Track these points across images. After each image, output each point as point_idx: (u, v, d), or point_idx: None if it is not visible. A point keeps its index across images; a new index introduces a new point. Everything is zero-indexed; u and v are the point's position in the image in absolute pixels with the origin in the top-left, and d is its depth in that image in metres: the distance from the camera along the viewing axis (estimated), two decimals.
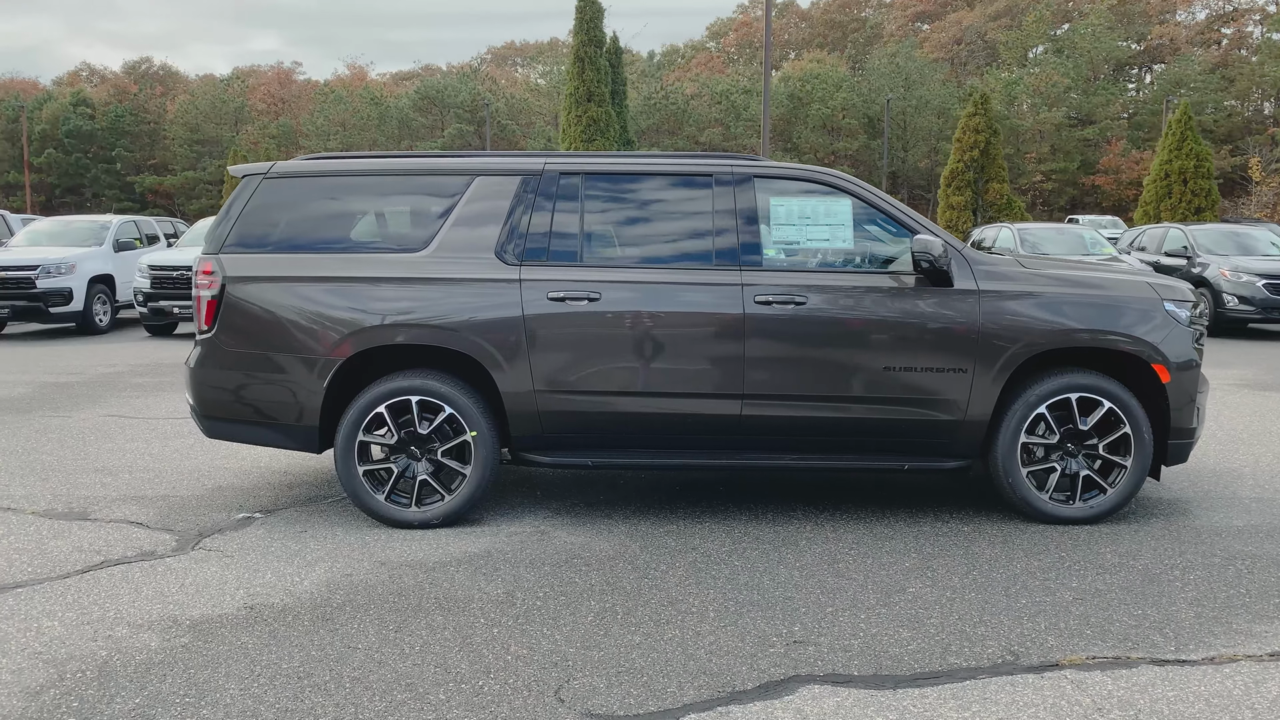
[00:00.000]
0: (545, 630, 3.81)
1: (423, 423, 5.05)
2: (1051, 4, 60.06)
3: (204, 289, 5.12)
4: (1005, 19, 65.24)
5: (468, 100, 55.87)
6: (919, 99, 51.75)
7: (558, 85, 58.86)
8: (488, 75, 63.28)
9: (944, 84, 54.75)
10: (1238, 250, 15.99)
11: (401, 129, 56.58)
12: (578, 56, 20.92)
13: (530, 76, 72.31)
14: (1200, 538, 4.94)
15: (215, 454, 6.77)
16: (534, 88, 60.44)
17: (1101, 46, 55.56)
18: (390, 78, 75.21)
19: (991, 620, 3.90)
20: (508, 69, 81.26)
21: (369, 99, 56.71)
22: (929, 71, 53.94)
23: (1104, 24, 55.94)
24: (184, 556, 4.68)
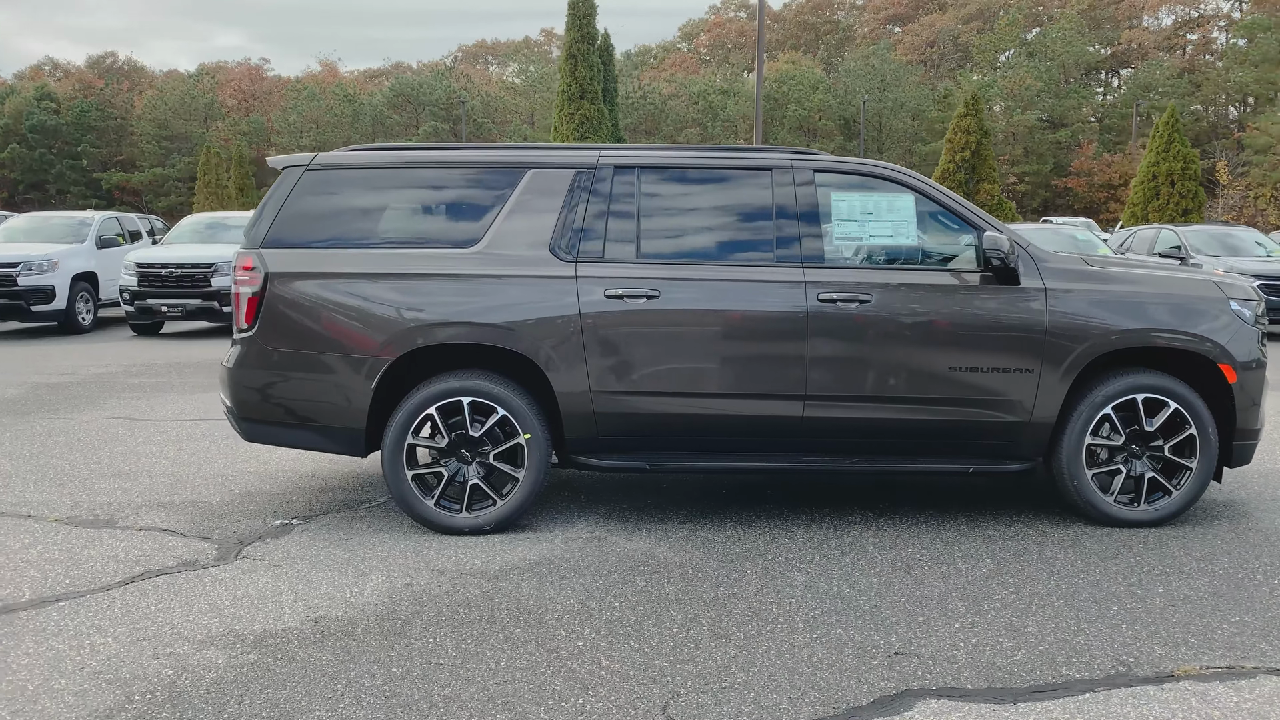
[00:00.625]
0: (632, 643, 3.64)
1: (474, 425, 4.85)
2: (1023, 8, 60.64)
3: (244, 285, 4.89)
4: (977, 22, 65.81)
5: (443, 98, 55.38)
6: (894, 101, 52.04)
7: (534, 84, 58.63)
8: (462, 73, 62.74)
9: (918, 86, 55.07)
10: (1226, 251, 16.12)
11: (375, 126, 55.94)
12: (570, 53, 20.69)
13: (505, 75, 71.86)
14: (1270, 540, 4.86)
15: (236, 457, 6.52)
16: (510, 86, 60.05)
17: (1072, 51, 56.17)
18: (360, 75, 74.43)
19: (1089, 628, 3.78)
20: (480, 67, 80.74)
21: (342, 96, 56.04)
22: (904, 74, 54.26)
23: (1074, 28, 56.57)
24: (229, 566, 4.45)
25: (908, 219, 5.08)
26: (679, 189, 5.07)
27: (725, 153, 5.22)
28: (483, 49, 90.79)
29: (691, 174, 5.08)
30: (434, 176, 5.04)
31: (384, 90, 58.49)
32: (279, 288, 4.85)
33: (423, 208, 5.03)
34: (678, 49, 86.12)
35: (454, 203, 5.02)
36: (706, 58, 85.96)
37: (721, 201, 5.08)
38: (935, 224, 5.13)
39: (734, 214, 5.07)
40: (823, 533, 4.96)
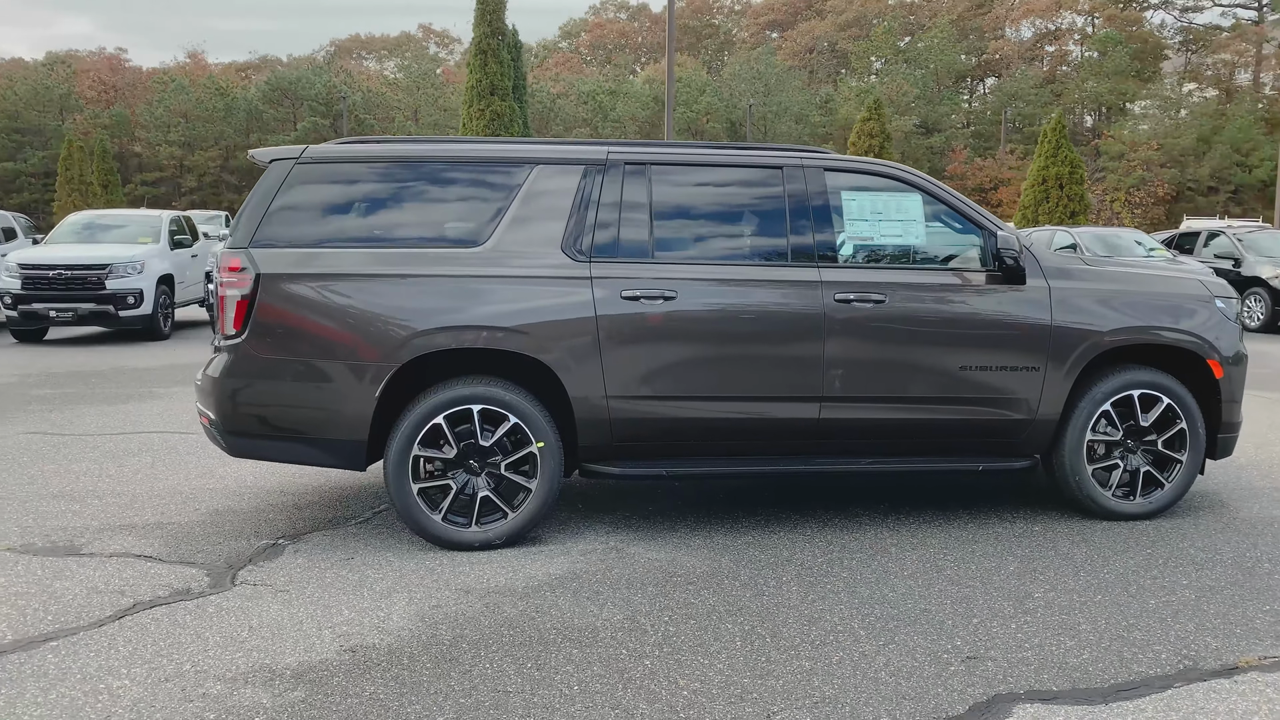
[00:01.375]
0: (701, 659, 3.48)
1: (484, 434, 4.60)
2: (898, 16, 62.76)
3: (231, 288, 4.50)
4: (854, 29, 67.74)
5: (323, 93, 53.52)
6: (779, 105, 53.03)
7: (417, 80, 57.33)
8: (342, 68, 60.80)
9: (801, 91, 56.30)
10: (1111, 251, 16.96)
11: (251, 121, 53.64)
12: (480, 49, 20.19)
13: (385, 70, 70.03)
14: (1258, 529, 5.05)
15: (189, 473, 6.05)
16: (392, 82, 58.50)
17: (943, 59, 58.41)
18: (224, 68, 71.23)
19: (1138, 623, 3.82)
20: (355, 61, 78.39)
21: (214, 89, 53.51)
22: (787, 78, 55.36)
23: (946, 38, 58.85)
24: (229, 594, 4.08)
25: (916, 218, 5.08)
26: (690, 187, 4.93)
27: (734, 150, 5.11)
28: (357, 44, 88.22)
29: (702, 171, 4.95)
30: (435, 171, 4.75)
31: (259, 84, 56.11)
32: (271, 290, 4.48)
33: (424, 204, 4.73)
34: (559, 48, 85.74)
35: (458, 199, 4.75)
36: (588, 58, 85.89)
37: (733, 200, 4.96)
38: (941, 223, 5.14)
39: (747, 212, 4.97)
40: (838, 535, 4.90)
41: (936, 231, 5.14)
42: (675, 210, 4.88)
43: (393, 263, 4.57)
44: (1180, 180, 55.69)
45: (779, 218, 4.91)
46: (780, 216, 4.91)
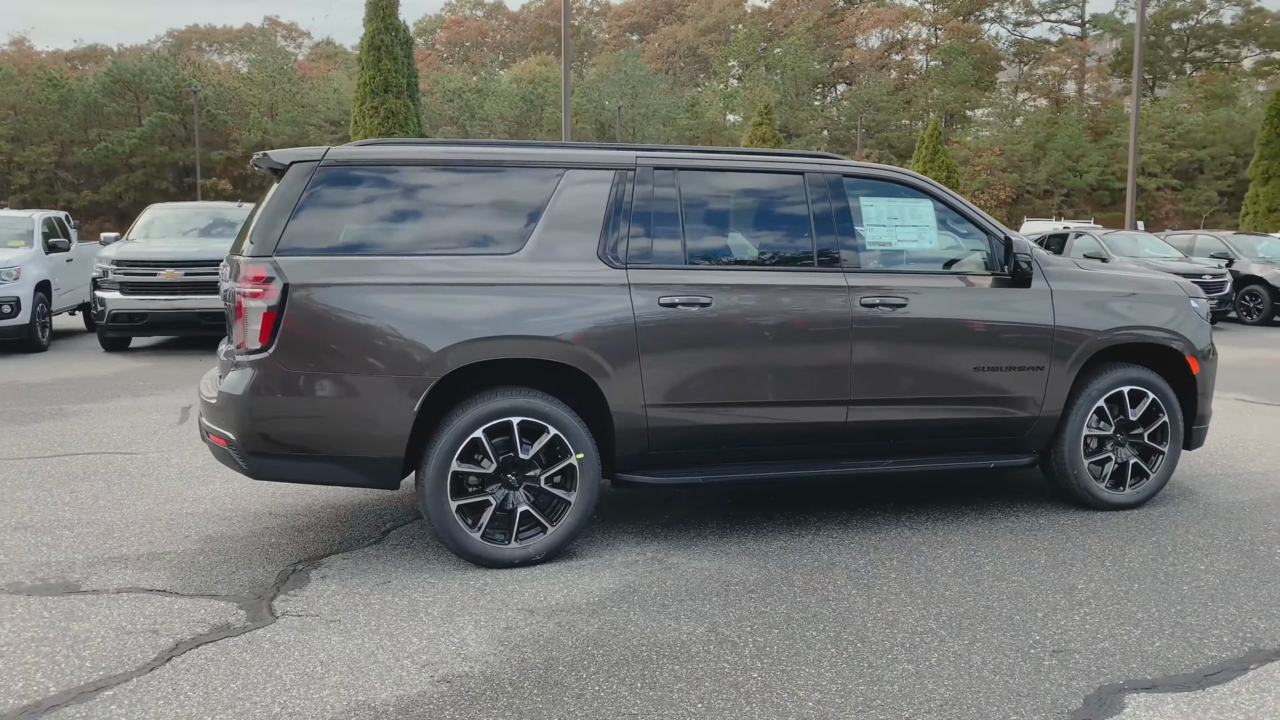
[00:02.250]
0: (806, 669, 3.46)
1: (524, 447, 4.45)
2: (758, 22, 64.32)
3: (255, 299, 4.19)
4: (715, 34, 69.07)
5: (170, 86, 50.54)
6: (646, 107, 53.50)
7: (272, 75, 54.98)
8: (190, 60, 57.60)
9: (667, 94, 57.00)
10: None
11: (89, 115, 50.16)
12: (373, 44, 19.41)
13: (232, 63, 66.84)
14: (1238, 515, 5.41)
15: (155, 499, 5.62)
16: (245, 76, 55.85)
17: (801, 66, 60.25)
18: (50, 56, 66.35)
19: (1186, 609, 4.02)
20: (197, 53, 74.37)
21: (46, 80, 49.76)
22: (653, 81, 55.94)
23: (803, 44, 60.71)
24: (277, 627, 3.80)
25: (929, 224, 5.21)
26: (717, 192, 4.91)
27: (755, 156, 5.11)
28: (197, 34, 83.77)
29: (728, 176, 4.93)
30: (464, 175, 4.55)
31: (98, 76, 52.49)
32: (302, 301, 4.20)
33: (455, 209, 4.53)
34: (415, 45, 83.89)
35: (491, 204, 4.56)
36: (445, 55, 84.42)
37: (760, 205, 4.97)
38: (951, 228, 5.29)
39: (773, 217, 4.98)
40: (864, 536, 4.97)
41: (947, 236, 5.29)
42: (703, 216, 4.85)
43: (429, 270, 4.36)
44: (1020, 184, 59.32)
45: (803, 223, 4.95)
46: (804, 222, 4.95)
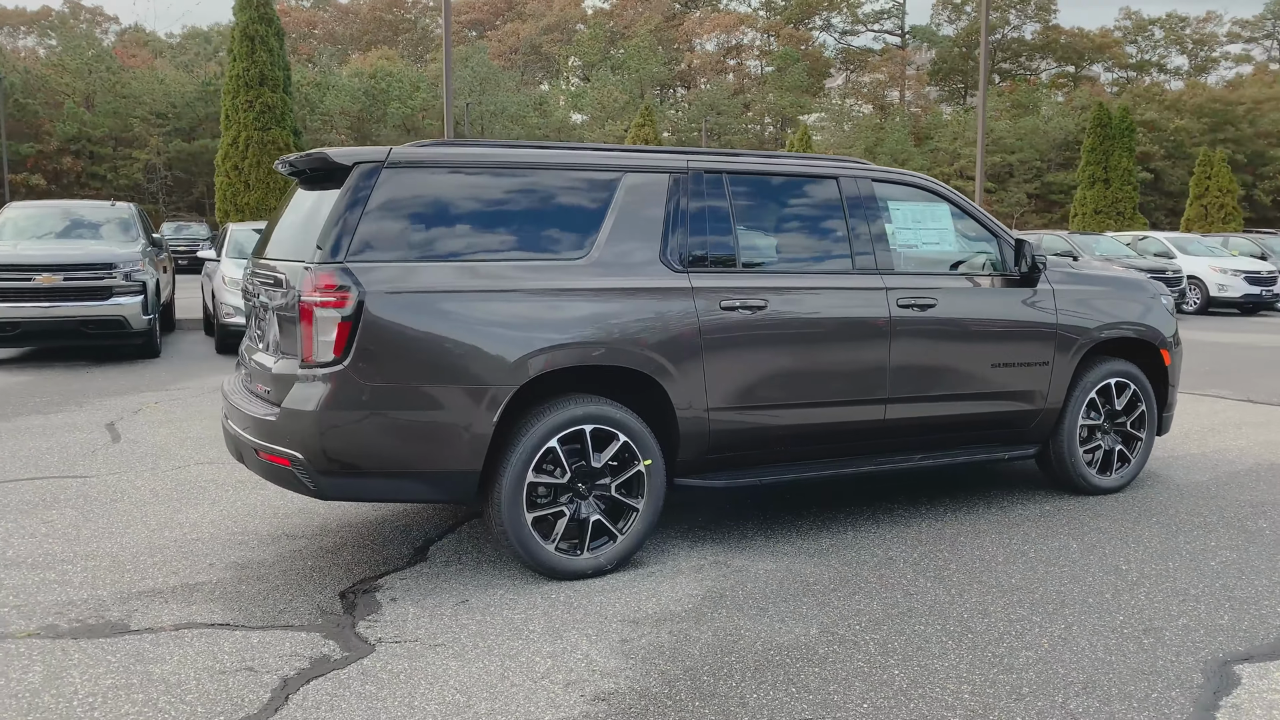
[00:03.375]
0: (942, 663, 3.55)
1: (596, 455, 4.36)
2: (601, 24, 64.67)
3: (329, 309, 3.92)
4: (556, 33, 68.97)
5: None
6: (496, 104, 52.81)
7: (89, 63, 51.07)
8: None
9: (515, 92, 56.47)
10: None
11: None
12: (246, 34, 18.13)
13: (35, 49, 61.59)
14: (1206, 493, 5.89)
15: (147, 525, 5.18)
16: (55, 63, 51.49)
17: (646, 68, 61.02)
18: None
19: (1230, 585, 4.34)
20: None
21: None
22: (502, 78, 55.33)
23: (647, 47, 61.48)
24: (381, 655, 3.59)
25: (947, 226, 5.43)
26: (761, 196, 4.94)
27: (793, 160, 5.18)
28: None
29: (769, 181, 4.98)
30: (529, 178, 4.41)
31: None
32: (378, 310, 3.96)
33: (524, 213, 4.38)
34: None
35: (557, 208, 4.44)
36: None
37: (799, 208, 5.04)
38: (964, 230, 5.52)
39: (812, 221, 5.06)
40: (900, 529, 5.13)
41: (961, 238, 5.52)
42: (751, 219, 4.88)
43: (502, 276, 4.21)
44: None
45: (840, 226, 5.06)
46: (841, 225, 5.06)
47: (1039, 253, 5.40)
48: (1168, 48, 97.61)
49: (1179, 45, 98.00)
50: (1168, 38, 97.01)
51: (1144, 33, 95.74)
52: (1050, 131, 63.70)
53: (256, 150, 17.71)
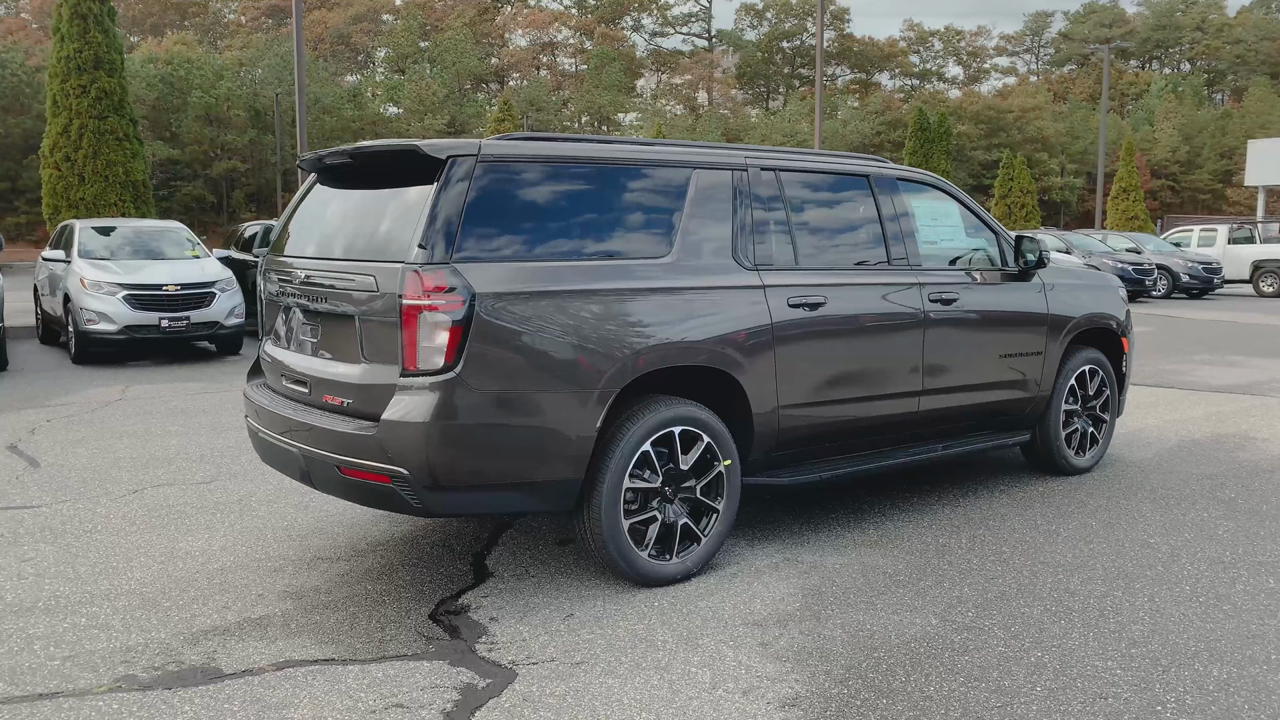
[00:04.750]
0: (1087, 644, 3.68)
1: (684, 457, 4.27)
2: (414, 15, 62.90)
3: (439, 312, 3.63)
4: (366, 23, 66.51)
5: None
6: (310, 96, 50.16)
7: None
8: None
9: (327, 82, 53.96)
10: None
11: None
12: (78, 13, 16.06)
13: None
14: (1168, 468, 6.41)
15: (152, 557, 4.66)
16: None
17: (463, 61, 59.88)
18: None
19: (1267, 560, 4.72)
20: None
21: None
22: (315, 68, 52.70)
23: (464, 40, 60.32)
24: (531, 679, 3.38)
25: (958, 224, 5.65)
26: (809, 192, 4.97)
27: (829, 158, 5.23)
28: None
29: (816, 178, 5.01)
30: (614, 175, 4.24)
31: None
32: (489, 313, 3.70)
33: (611, 211, 4.20)
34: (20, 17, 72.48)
35: (640, 205, 4.29)
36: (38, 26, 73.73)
37: (841, 205, 5.11)
38: (969, 228, 5.76)
39: (854, 217, 5.13)
40: (936, 515, 5.29)
41: (969, 235, 5.76)
42: (803, 216, 4.90)
43: (599, 275, 4.03)
44: None
45: (876, 222, 5.16)
46: (877, 223, 5.16)
47: (1045, 249, 5.71)
48: (946, 58, 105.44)
49: (956, 56, 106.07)
50: (946, 49, 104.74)
51: (925, 44, 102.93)
52: (848, 135, 67.15)
53: (93, 140, 16.02)
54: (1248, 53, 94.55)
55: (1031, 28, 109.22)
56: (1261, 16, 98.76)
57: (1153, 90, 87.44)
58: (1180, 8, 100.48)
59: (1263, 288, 25.66)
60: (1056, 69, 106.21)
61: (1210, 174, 74.77)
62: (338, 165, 4.34)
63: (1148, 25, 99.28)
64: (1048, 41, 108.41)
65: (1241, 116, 77.58)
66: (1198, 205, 73.75)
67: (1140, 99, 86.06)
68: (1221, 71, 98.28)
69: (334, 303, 4.01)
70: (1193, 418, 8.19)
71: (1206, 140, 75.11)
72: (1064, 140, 73.47)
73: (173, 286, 11.30)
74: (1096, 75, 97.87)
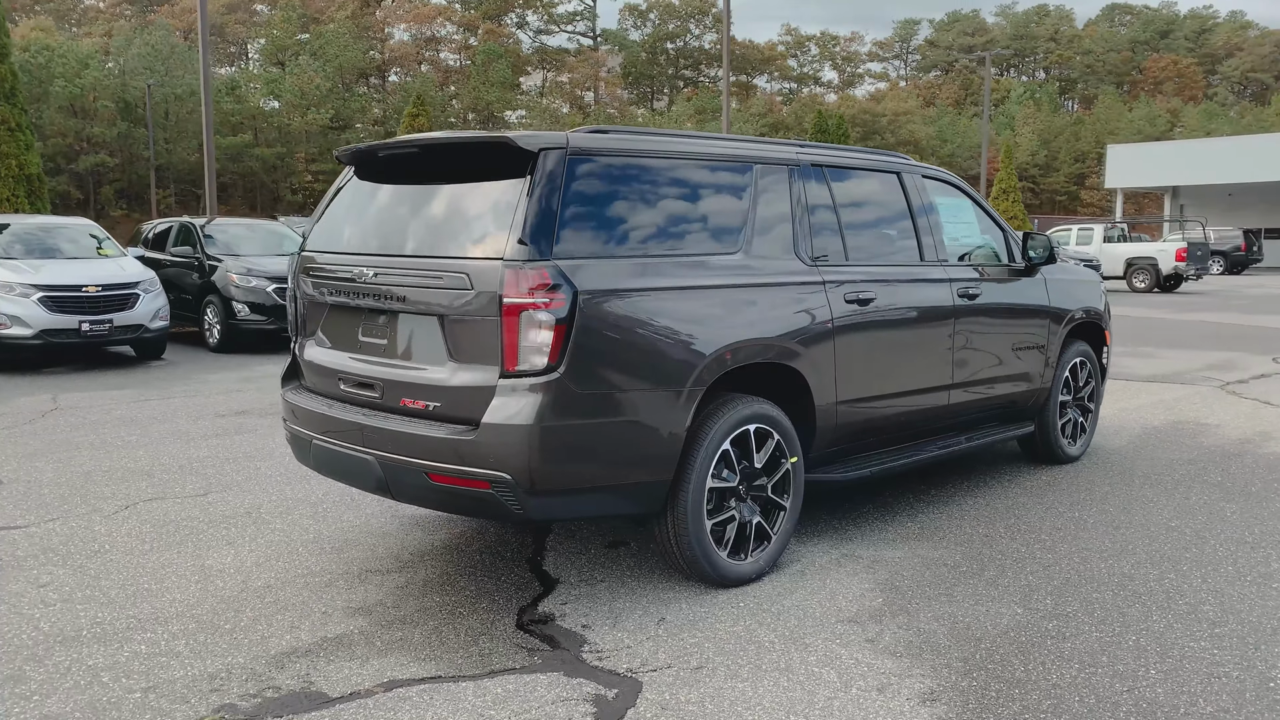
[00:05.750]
0: (1175, 626, 3.81)
1: (758, 455, 4.23)
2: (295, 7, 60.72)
3: (543, 310, 3.47)
4: (241, 12, 63.84)
5: None
6: (185, 86, 47.88)
7: None
8: None
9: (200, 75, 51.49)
10: None
11: None
12: None
13: None
14: (1144, 455, 6.72)
15: (185, 575, 4.34)
16: None
17: (347, 55, 58.16)
18: None
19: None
20: None
21: None
22: (189, 58, 50.23)
23: (348, 33, 58.58)
24: (660, 686, 3.27)
25: (972, 220, 5.78)
26: (850, 188, 4.98)
27: (864, 154, 5.26)
28: None
29: (854, 174, 5.03)
30: (692, 170, 4.16)
31: None
32: (589, 311, 3.57)
33: (692, 206, 4.12)
34: None
35: (715, 201, 4.22)
36: None
37: (878, 201, 5.14)
38: (981, 225, 5.89)
39: (890, 213, 5.17)
40: (958, 506, 5.40)
41: (982, 231, 5.89)
42: (848, 212, 4.91)
43: (683, 272, 3.95)
44: None
45: (909, 220, 5.23)
46: (910, 219, 5.23)
47: (1056, 245, 5.89)
48: (822, 63, 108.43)
49: (831, 61, 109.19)
50: (822, 54, 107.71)
51: (803, 48, 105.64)
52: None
53: None
54: (1096, 63, 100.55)
55: (900, 35, 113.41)
56: (1107, 30, 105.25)
57: (1013, 97, 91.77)
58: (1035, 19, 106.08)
59: (1135, 283, 27.26)
60: (923, 75, 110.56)
61: (1066, 176, 79.10)
62: (396, 157, 4.12)
63: (1006, 35, 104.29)
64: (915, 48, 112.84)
65: (1093, 122, 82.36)
66: (1055, 206, 77.98)
67: (1001, 105, 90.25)
68: (1073, 80, 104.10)
69: (412, 302, 3.79)
70: (1142, 406, 8.61)
71: (1062, 145, 79.40)
72: (934, 143, 76.45)
73: (93, 287, 10.56)
74: (961, 81, 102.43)
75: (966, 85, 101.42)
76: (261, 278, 12.05)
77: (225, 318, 12.12)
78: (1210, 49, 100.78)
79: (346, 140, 54.86)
